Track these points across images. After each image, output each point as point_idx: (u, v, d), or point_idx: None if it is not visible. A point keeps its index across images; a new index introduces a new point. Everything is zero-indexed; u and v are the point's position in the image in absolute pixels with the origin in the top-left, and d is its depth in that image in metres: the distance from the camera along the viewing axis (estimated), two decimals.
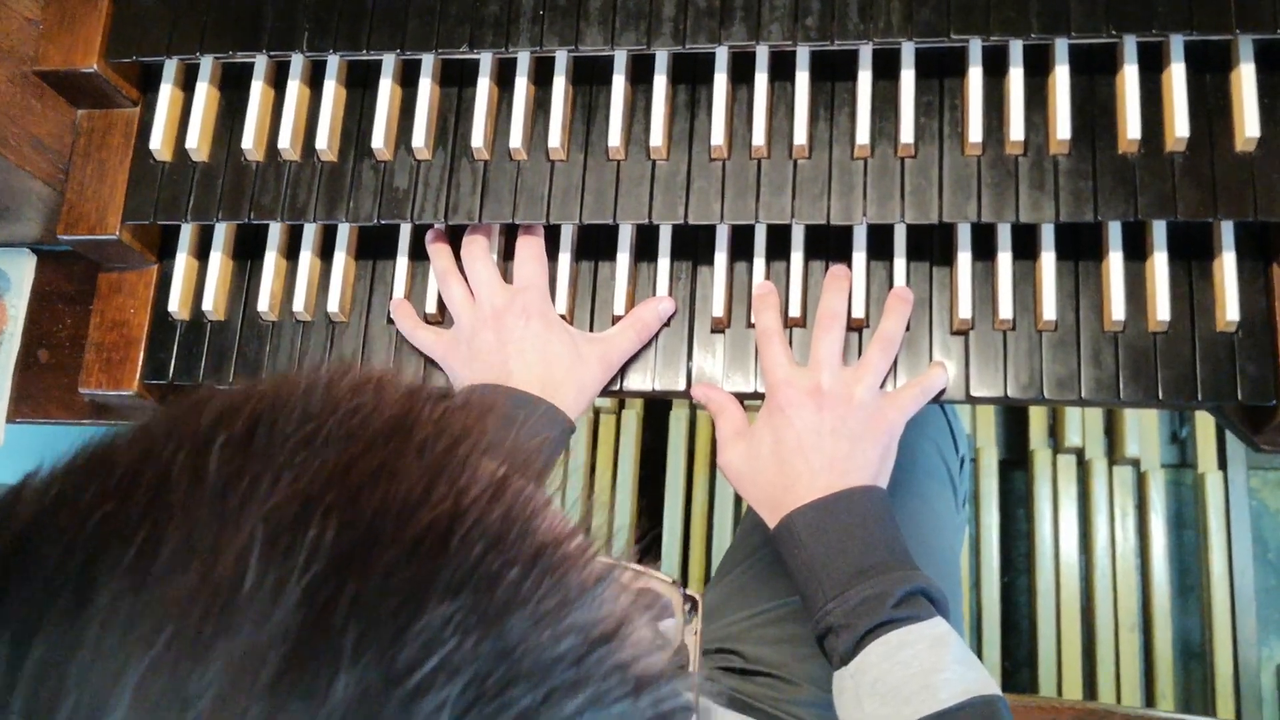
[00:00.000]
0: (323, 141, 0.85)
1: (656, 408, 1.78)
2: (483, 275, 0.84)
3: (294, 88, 0.86)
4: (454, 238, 0.89)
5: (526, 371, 0.80)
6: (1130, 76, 0.77)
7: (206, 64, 0.88)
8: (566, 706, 0.28)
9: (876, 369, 0.79)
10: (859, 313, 0.82)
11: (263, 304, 0.88)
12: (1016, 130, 0.78)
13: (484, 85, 0.85)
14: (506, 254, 0.88)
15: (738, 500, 1.72)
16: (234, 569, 0.26)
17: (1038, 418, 1.77)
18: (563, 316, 0.86)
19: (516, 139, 0.83)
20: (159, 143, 0.87)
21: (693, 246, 0.86)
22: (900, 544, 0.75)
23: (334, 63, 0.86)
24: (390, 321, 0.88)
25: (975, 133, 0.78)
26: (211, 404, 0.32)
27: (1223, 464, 1.72)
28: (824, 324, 0.80)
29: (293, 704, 0.25)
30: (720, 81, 0.82)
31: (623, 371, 0.86)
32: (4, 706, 0.26)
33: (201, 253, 0.91)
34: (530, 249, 0.84)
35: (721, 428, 0.83)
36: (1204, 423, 1.74)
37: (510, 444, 0.34)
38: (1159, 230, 0.80)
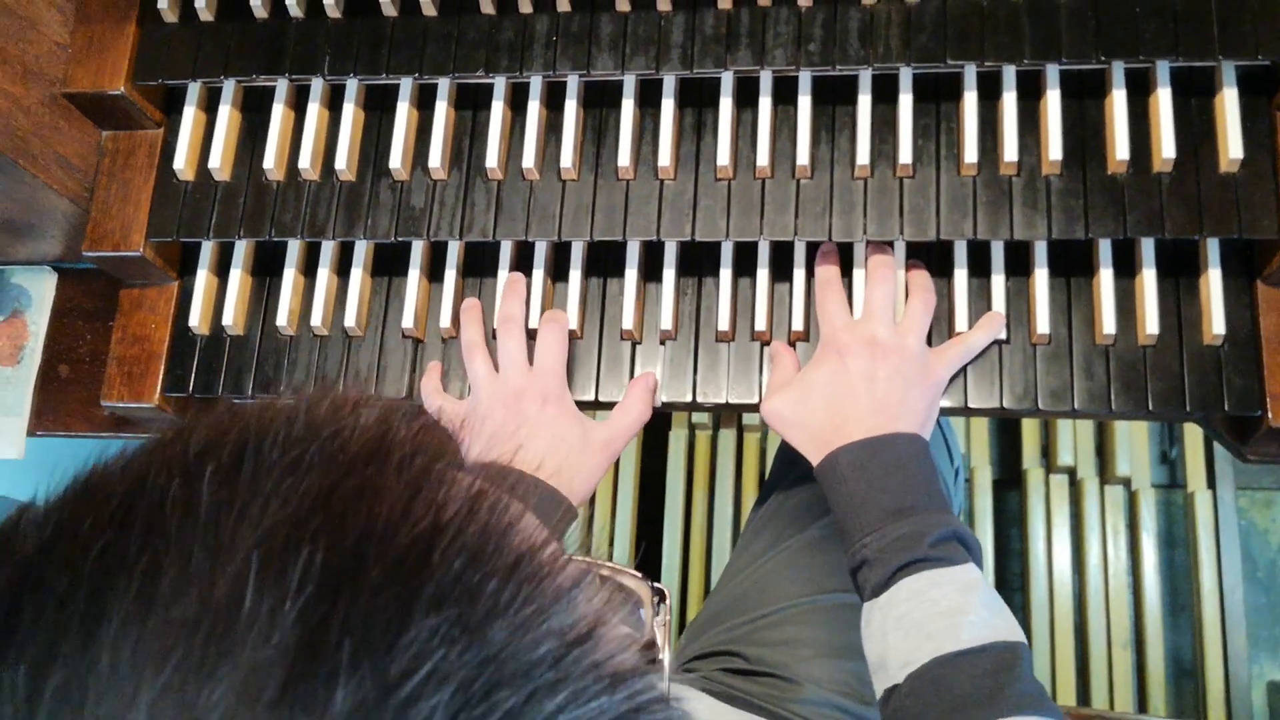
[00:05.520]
0: (341, 162, 0.88)
1: (656, 426, 1.81)
2: (512, 353, 0.86)
3: (314, 110, 0.89)
4: (470, 257, 0.92)
5: (536, 455, 0.83)
6: (1119, 100, 0.81)
7: (229, 87, 0.91)
8: (548, 705, 0.29)
9: (921, 321, 0.83)
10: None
11: (281, 319, 0.91)
12: (1010, 151, 0.81)
13: (498, 108, 0.88)
14: (516, 265, 0.91)
15: (736, 518, 1.74)
16: (231, 594, 0.28)
17: (1031, 438, 1.80)
18: (572, 332, 0.89)
19: (529, 160, 0.86)
20: (182, 163, 0.90)
21: (698, 263, 0.89)
22: (940, 491, 0.77)
23: (353, 86, 0.90)
24: (405, 336, 0.91)
25: (971, 154, 0.82)
26: (198, 433, 0.33)
27: (1212, 483, 1.75)
28: (878, 275, 0.83)
29: (296, 718, 0.26)
30: (726, 105, 0.85)
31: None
32: None
33: (221, 269, 0.94)
34: (553, 334, 0.87)
35: (773, 376, 0.86)
36: (1193, 443, 1.77)
37: (484, 459, 0.36)
38: (1147, 247, 0.83)
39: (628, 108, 0.86)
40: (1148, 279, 0.82)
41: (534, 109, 0.87)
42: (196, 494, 0.30)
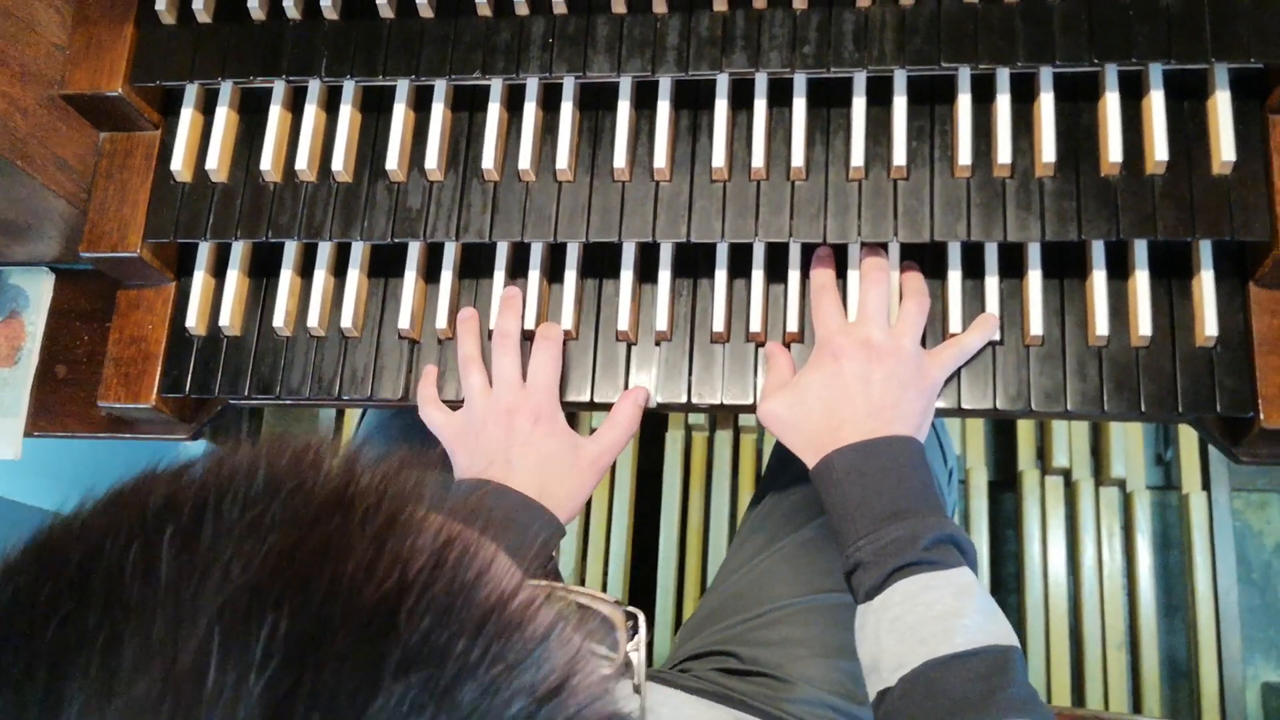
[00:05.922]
0: (338, 163, 0.88)
1: (652, 427, 1.81)
2: (506, 370, 0.87)
3: (311, 112, 0.90)
4: (466, 258, 0.93)
5: (527, 473, 0.84)
6: (1112, 103, 0.81)
7: (226, 89, 0.91)
8: None
9: (916, 322, 0.83)
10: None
11: (278, 320, 0.91)
12: (1004, 154, 0.82)
13: (494, 110, 0.88)
14: (512, 272, 0.92)
15: (732, 518, 1.75)
16: (194, 668, 0.27)
17: (1026, 440, 1.80)
18: (567, 333, 0.89)
19: (525, 161, 0.87)
20: (179, 164, 0.90)
21: (693, 264, 0.90)
22: (935, 494, 0.77)
23: (350, 88, 0.90)
24: (401, 337, 0.91)
25: (965, 156, 0.82)
26: (156, 491, 0.32)
27: (1206, 485, 1.75)
28: (872, 277, 0.84)
29: None
30: (721, 107, 0.86)
31: (625, 387, 0.89)
32: None
33: (218, 270, 0.94)
34: (547, 353, 0.87)
35: (769, 379, 0.86)
36: (1188, 445, 1.77)
37: (454, 502, 0.35)
38: (1140, 249, 0.83)
39: (623, 109, 0.87)
40: (1140, 281, 0.83)
41: (530, 110, 0.88)
42: (156, 558, 0.29)
